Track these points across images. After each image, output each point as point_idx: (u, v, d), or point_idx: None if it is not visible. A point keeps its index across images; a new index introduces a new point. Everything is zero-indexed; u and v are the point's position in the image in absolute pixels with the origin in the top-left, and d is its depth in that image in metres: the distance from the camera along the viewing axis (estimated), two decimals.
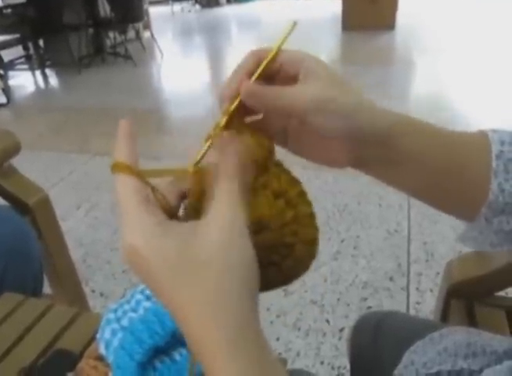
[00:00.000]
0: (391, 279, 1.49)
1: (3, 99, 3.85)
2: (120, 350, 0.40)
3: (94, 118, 3.30)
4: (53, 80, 4.87)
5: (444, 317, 0.77)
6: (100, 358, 0.45)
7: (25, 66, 5.05)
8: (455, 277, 0.74)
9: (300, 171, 0.34)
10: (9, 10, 4.83)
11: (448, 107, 2.87)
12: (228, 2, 9.39)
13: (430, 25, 5.53)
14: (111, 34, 5.15)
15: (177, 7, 9.24)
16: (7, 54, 4.76)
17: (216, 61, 5.17)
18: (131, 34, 5.20)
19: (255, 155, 0.28)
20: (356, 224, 1.79)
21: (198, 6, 9.32)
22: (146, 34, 5.81)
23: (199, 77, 4.30)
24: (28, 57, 5.09)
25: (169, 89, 4.18)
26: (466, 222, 0.37)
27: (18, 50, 5.03)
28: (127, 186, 0.25)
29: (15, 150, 0.95)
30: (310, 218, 0.29)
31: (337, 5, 5.51)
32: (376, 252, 1.62)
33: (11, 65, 4.93)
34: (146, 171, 0.26)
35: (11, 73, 4.89)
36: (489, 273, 0.70)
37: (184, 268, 0.23)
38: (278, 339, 1.29)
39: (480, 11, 6.16)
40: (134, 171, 0.25)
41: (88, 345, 0.54)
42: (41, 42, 5.07)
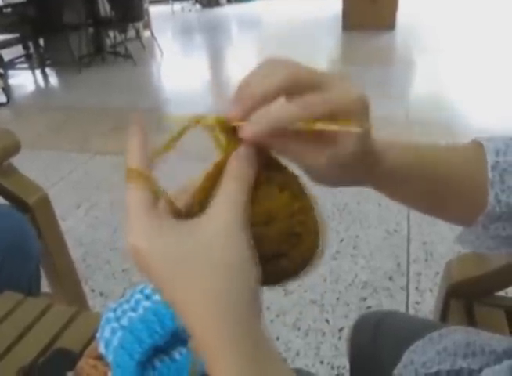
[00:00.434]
0: (391, 278, 1.49)
1: (3, 99, 3.84)
2: (119, 349, 0.40)
3: (94, 117, 3.30)
4: (53, 79, 4.87)
5: (443, 317, 0.77)
6: (100, 357, 0.45)
7: (25, 65, 5.04)
8: (454, 277, 0.74)
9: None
10: (9, 9, 4.82)
11: (448, 107, 2.87)
12: (228, 2, 9.38)
13: (430, 25, 5.54)
14: (111, 34, 5.16)
15: (177, 6, 9.24)
16: (7, 53, 4.75)
17: (216, 60, 5.17)
18: (131, 34, 5.20)
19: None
20: (356, 224, 1.79)
21: (198, 6, 9.32)
22: (146, 34, 5.82)
23: (199, 76, 4.30)
24: (28, 56, 5.08)
25: (169, 88, 4.18)
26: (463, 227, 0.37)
27: (18, 49, 5.03)
28: (136, 194, 0.26)
29: (15, 149, 0.95)
30: (314, 209, 0.30)
31: (337, 5, 5.52)
32: (375, 252, 1.62)
33: (11, 64, 4.92)
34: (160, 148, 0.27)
35: (11, 72, 4.88)
36: (488, 273, 0.70)
37: (183, 269, 0.24)
38: (278, 339, 1.30)
39: (480, 11, 6.16)
40: (145, 176, 0.26)
41: (88, 344, 0.54)
42: (42, 41, 5.07)
